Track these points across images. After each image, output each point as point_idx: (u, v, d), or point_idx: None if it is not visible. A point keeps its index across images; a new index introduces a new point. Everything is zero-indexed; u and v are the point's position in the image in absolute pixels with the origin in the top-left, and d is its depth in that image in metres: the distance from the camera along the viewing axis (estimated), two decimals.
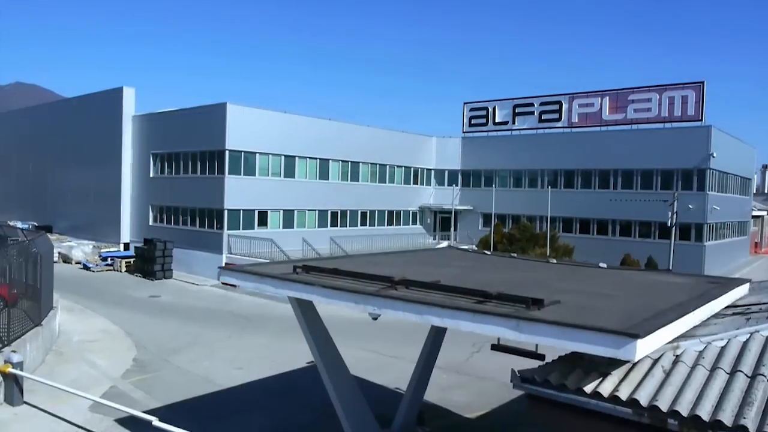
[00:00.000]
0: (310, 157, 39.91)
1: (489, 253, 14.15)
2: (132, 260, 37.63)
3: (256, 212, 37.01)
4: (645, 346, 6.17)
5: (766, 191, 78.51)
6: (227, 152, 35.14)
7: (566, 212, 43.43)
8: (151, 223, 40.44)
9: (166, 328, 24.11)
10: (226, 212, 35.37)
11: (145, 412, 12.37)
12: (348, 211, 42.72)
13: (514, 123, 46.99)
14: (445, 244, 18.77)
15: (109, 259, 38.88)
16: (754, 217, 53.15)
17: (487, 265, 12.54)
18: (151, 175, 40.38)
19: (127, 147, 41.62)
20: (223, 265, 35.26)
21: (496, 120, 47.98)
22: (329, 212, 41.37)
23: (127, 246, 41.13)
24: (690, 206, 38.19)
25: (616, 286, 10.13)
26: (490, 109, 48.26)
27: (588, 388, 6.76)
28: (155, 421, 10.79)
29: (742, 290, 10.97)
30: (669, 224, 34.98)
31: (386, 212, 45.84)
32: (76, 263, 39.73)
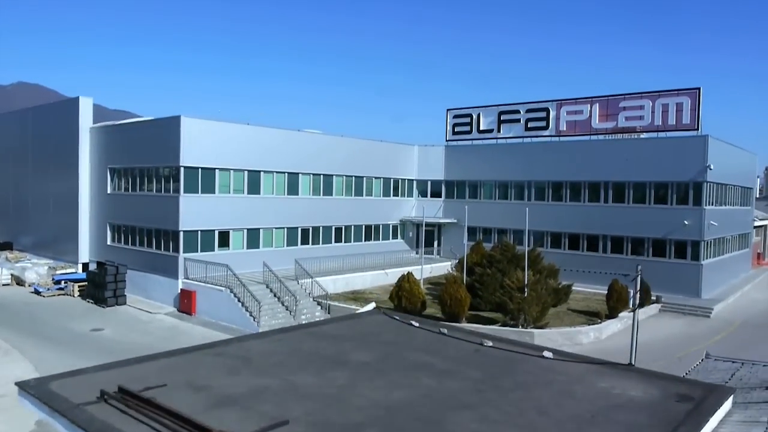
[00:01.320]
0: (277, 171, 37.23)
1: (417, 324, 11.44)
2: (86, 284, 35.07)
3: (217, 233, 34.37)
4: None
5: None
6: (182, 169, 32.49)
7: (555, 227, 40.67)
8: (109, 243, 37.86)
9: None
10: (181, 234, 32.73)
11: None
12: (321, 228, 40.04)
13: (499, 131, 44.19)
14: (371, 306, 16.07)
15: (62, 282, 36.33)
16: (756, 227, 50.21)
17: (395, 361, 9.80)
18: (108, 191, 37.79)
19: (84, 160, 39.03)
20: (179, 290, 32.79)
21: (481, 127, 45.20)
22: (299, 230, 38.70)
23: (86, 266, 38.58)
24: (686, 222, 35.40)
25: (540, 413, 7.43)
26: (475, 116, 45.47)
27: None
28: None
29: (724, 408, 8.24)
30: (631, 304, 32.20)
31: (363, 227, 43.15)
32: (30, 285, 37.18)
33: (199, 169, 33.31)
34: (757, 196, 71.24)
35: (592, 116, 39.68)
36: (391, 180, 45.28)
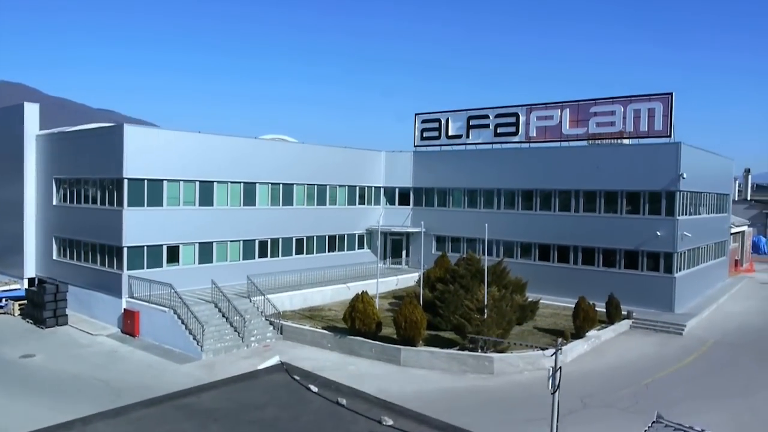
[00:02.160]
0: (232, 182, 35.33)
1: (315, 389, 9.62)
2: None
3: (165, 248, 32.41)
4: None
5: (749, 197, 74.55)
6: (126, 181, 30.51)
7: (525, 237, 39.14)
8: (54, 257, 35.80)
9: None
10: (125, 250, 30.76)
11: None
12: (280, 240, 38.19)
13: (468, 137, 42.58)
14: (274, 360, 14.26)
15: (2, 300, 34.22)
16: (733, 233, 49.01)
17: None
18: (54, 203, 35.71)
19: (30, 169, 36.92)
20: (123, 310, 30.82)
21: (450, 133, 43.56)
22: (256, 242, 36.83)
23: (32, 282, 36.44)
24: (658, 233, 33.97)
25: None
26: (443, 121, 43.82)
27: None
28: None
29: None
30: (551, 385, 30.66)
31: (327, 238, 41.35)
32: None
33: (145, 181, 31.34)
34: (735, 198, 70.40)
35: (562, 122, 38.16)
36: (357, 188, 43.50)
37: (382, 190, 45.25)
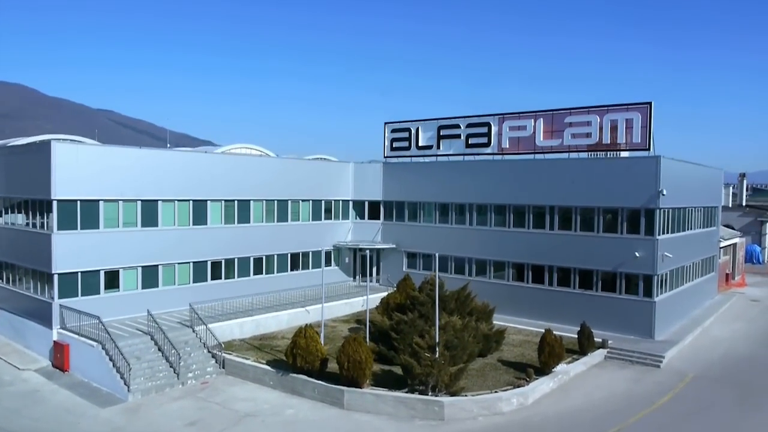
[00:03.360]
0: (179, 200, 32.93)
1: None
2: None
3: (103, 273, 30.02)
4: None
5: (744, 203, 71.89)
6: (55, 203, 28.12)
7: (498, 255, 36.70)
8: None
9: None
10: (56, 277, 28.37)
11: None
12: (235, 260, 35.79)
13: (438, 147, 40.12)
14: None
15: None
16: (724, 246, 46.48)
17: None
18: None
19: None
20: (53, 342, 28.43)
21: (420, 143, 41.11)
22: (208, 263, 34.43)
23: None
24: (637, 254, 31.50)
25: None
26: (413, 131, 41.37)
27: None
28: None
29: None
30: None
31: (289, 256, 38.92)
32: None
33: (78, 202, 28.95)
34: (729, 205, 67.86)
35: (536, 132, 35.68)
36: (323, 202, 41.06)
37: (350, 204, 42.81)
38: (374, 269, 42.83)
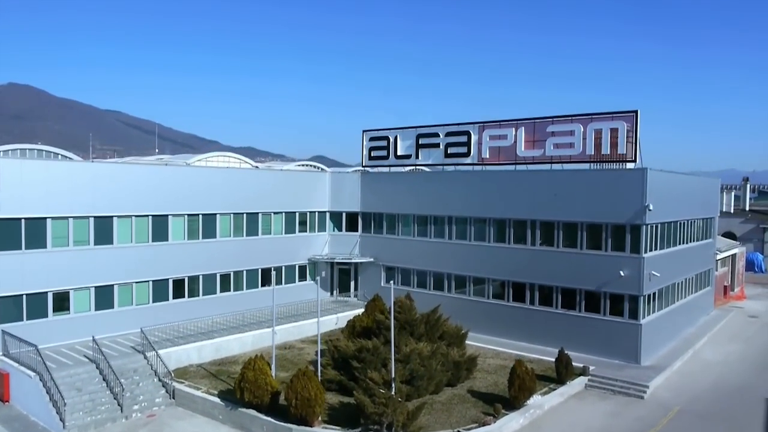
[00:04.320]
0: (137, 215, 31.14)
1: None
2: None
3: (51, 295, 28.28)
4: None
5: (747, 207, 69.43)
6: None
7: (478, 271, 34.75)
8: None
9: None
10: None
11: None
12: (200, 277, 34.00)
13: (417, 157, 38.15)
14: None
15: None
16: (721, 258, 44.26)
17: None
18: None
19: None
20: None
21: (398, 152, 39.15)
22: (170, 281, 32.65)
23: None
24: (622, 273, 29.43)
25: None
26: (392, 139, 39.42)
27: None
28: None
29: None
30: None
31: (260, 271, 37.06)
32: None
33: (22, 220, 27.20)
34: (732, 211, 65.53)
35: (517, 142, 33.66)
36: (297, 214, 39.17)
37: (327, 215, 40.91)
38: (352, 284, 40.94)
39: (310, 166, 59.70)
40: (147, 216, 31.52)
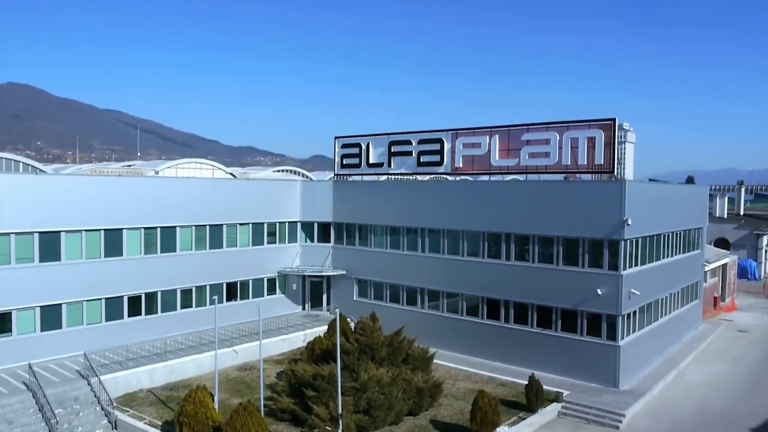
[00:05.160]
0: (87, 230, 29.46)
1: None
2: None
3: None
4: None
5: (741, 212, 67.61)
6: None
7: (451, 286, 33.11)
8: None
9: None
10: None
11: None
12: (158, 293, 32.32)
13: (390, 165, 36.44)
14: None
15: None
16: (712, 269, 42.53)
17: None
18: None
19: None
20: None
21: (371, 160, 37.44)
22: (125, 298, 30.97)
23: None
24: (599, 291, 27.72)
25: None
26: (364, 146, 37.69)
27: None
28: None
29: None
30: None
31: (225, 285, 35.39)
32: None
33: None
34: (725, 216, 63.84)
35: (491, 151, 31.93)
36: (265, 224, 37.46)
37: (298, 225, 39.19)
38: (324, 297, 39.26)
39: (288, 171, 58.17)
40: (98, 230, 29.85)
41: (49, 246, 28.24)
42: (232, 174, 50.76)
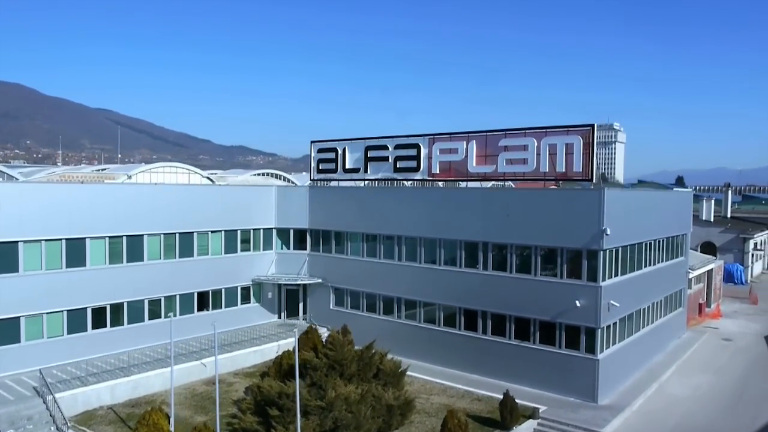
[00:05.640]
0: (47, 239, 28.33)
1: None
2: None
3: None
4: None
5: (728, 215, 67.14)
6: None
7: (428, 296, 32.17)
8: None
9: None
10: None
11: None
12: (124, 304, 31.21)
13: (366, 170, 35.46)
14: None
15: None
16: (697, 276, 41.79)
17: None
18: None
19: None
20: None
21: (347, 165, 36.45)
22: (88, 310, 29.85)
23: None
24: (578, 303, 26.84)
25: None
26: (340, 151, 36.70)
27: None
28: None
29: None
30: None
31: (195, 295, 34.31)
32: None
33: None
34: (712, 220, 63.25)
35: (468, 157, 31.01)
36: (238, 232, 36.40)
37: (274, 232, 38.13)
38: (301, 305, 38.24)
39: (269, 175, 57.08)
40: (59, 240, 28.73)
41: (6, 257, 27.12)
42: (209, 178, 49.72)
